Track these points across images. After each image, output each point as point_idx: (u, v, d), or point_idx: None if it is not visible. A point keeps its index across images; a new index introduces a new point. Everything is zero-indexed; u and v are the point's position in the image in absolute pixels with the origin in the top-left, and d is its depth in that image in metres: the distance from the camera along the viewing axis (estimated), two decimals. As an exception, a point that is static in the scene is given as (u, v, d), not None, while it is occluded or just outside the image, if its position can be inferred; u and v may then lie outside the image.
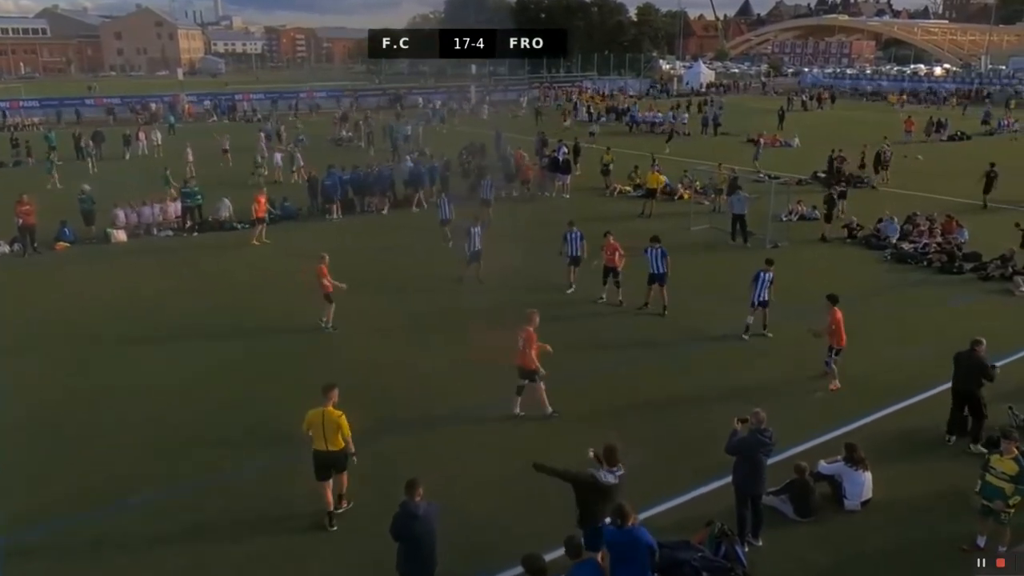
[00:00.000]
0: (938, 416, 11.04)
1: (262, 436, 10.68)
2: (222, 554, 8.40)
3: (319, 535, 8.67)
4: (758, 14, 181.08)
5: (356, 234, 22.01)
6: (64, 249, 20.58)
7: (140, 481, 9.65)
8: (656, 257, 15.25)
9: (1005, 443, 8.09)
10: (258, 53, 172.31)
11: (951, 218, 20.82)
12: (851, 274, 18.28)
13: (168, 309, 15.86)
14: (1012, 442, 8.08)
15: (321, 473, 8.71)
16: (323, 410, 8.56)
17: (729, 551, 8.08)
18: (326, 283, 14.15)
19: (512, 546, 7.59)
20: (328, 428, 8.50)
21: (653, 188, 24.72)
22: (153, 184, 25.13)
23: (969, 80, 77.06)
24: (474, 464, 10.04)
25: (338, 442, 8.55)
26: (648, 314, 15.48)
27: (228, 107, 55.82)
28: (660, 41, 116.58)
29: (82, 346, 13.96)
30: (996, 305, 16.29)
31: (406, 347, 13.90)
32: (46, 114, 50.82)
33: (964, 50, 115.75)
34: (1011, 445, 8.04)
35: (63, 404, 11.72)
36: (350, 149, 36.49)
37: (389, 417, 11.17)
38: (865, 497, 9.16)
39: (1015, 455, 7.96)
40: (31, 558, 8.34)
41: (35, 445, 10.57)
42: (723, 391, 11.98)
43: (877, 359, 13.24)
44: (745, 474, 8.35)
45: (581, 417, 11.12)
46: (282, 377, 12.46)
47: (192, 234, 22.13)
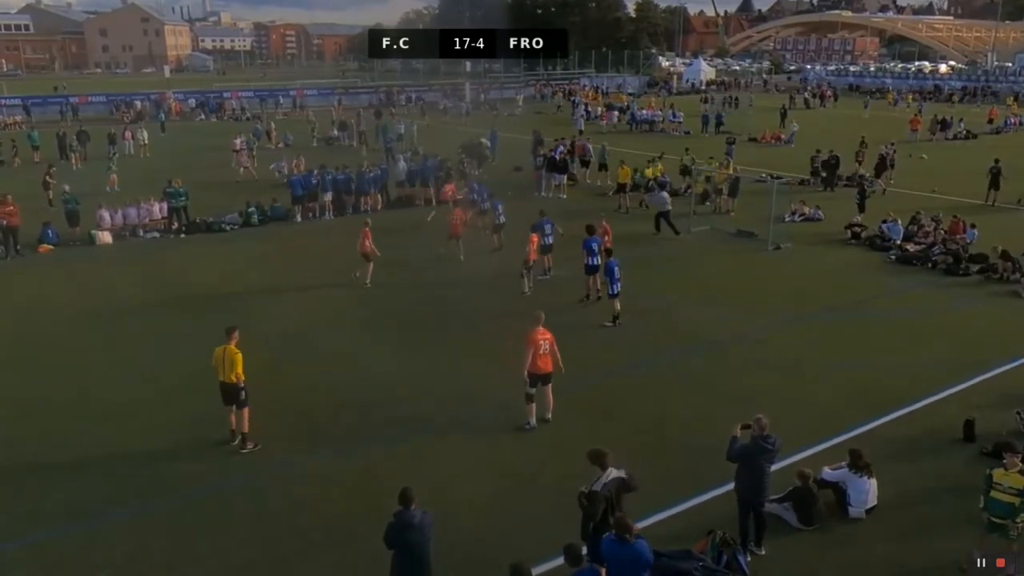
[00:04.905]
0: (944, 421, 10.87)
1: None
2: (208, 565, 8.23)
3: (308, 545, 8.51)
4: (759, 10, 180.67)
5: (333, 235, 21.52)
6: (48, 251, 20.26)
7: (122, 493, 9.45)
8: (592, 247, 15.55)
9: (1009, 457, 7.87)
10: (247, 50, 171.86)
11: (957, 219, 20.59)
12: (855, 276, 18.07)
13: (146, 314, 15.53)
14: (1016, 455, 7.87)
15: (224, 400, 10.37)
16: (225, 347, 10.19)
17: (731, 560, 7.97)
18: (367, 244, 16.49)
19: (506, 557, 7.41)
20: (227, 363, 10.12)
21: (623, 183, 24.72)
22: (140, 184, 24.92)
23: (975, 77, 76.68)
24: (467, 474, 9.85)
25: (232, 376, 10.11)
26: (647, 316, 15.31)
27: (216, 105, 55.22)
28: (659, 38, 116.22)
29: (55, 353, 13.64)
30: (1003, 307, 16.07)
31: (394, 351, 13.73)
32: (45, 112, 50.54)
33: (969, 47, 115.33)
34: (1015, 459, 7.82)
35: (37, 414, 11.44)
36: (340, 149, 36.24)
37: (377, 425, 11.02)
38: (870, 504, 9.00)
39: (1021, 468, 7.74)
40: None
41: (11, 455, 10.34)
42: (723, 396, 11.79)
43: (881, 363, 13.04)
44: (747, 481, 8.20)
45: (577, 424, 10.92)
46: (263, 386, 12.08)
47: (179, 235, 21.90)
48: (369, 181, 24.46)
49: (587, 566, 6.88)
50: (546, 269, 17.46)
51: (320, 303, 16.16)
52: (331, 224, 23.14)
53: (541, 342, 10.56)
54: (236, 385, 10.21)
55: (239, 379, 10.20)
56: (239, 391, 10.26)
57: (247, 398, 10.33)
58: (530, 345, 10.52)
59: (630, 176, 25.07)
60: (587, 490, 7.38)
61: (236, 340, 10.28)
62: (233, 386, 10.22)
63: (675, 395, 12.02)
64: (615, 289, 14.56)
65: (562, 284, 16.76)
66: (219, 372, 10.26)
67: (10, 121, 47.03)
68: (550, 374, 10.71)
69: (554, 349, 10.71)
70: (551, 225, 17.23)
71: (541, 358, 10.55)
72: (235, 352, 10.17)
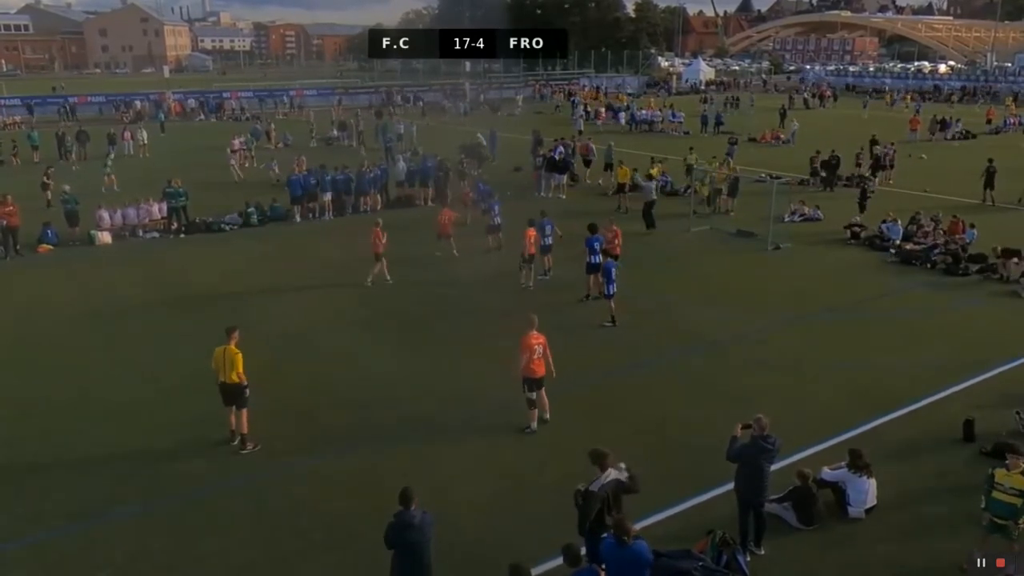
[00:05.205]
0: (944, 421, 10.87)
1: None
2: (208, 565, 8.23)
3: (308, 545, 8.51)
4: (759, 10, 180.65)
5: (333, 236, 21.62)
6: (47, 251, 20.26)
7: (122, 493, 9.46)
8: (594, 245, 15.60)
9: (1012, 458, 7.87)
10: (247, 50, 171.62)
11: (957, 219, 20.60)
12: (855, 276, 18.07)
13: (146, 314, 15.53)
14: (1019, 456, 7.87)
15: (224, 400, 10.33)
16: (224, 348, 10.16)
17: (731, 560, 7.96)
18: (377, 243, 16.49)
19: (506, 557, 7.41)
20: (227, 363, 10.08)
21: (623, 183, 24.78)
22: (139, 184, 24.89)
23: (975, 77, 76.68)
24: (467, 474, 9.85)
25: (233, 376, 10.08)
26: (647, 316, 15.31)
27: (216, 105, 55.23)
28: (659, 38, 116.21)
29: (55, 353, 13.63)
30: (1003, 307, 16.07)
31: (394, 351, 13.73)
32: (45, 112, 50.56)
33: (969, 47, 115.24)
34: (1017, 459, 7.81)
35: (37, 414, 11.43)
36: (340, 149, 36.22)
37: (376, 426, 11.02)
38: (869, 504, 9.00)
39: (1023, 469, 7.73)
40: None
41: (11, 455, 10.35)
42: (723, 396, 11.79)
43: (881, 363, 13.05)
44: (747, 481, 8.19)
45: (577, 424, 10.92)
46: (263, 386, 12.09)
47: (179, 235, 21.89)
48: (369, 181, 24.45)
49: (586, 566, 6.87)
50: (546, 269, 17.47)
51: (320, 303, 16.16)
52: (331, 224, 23.15)
53: (535, 346, 10.52)
54: (239, 385, 10.21)
55: (241, 379, 10.19)
56: (242, 391, 10.24)
57: (248, 398, 10.31)
58: (524, 349, 10.48)
59: (629, 176, 25.11)
60: (583, 489, 7.38)
61: (236, 340, 10.29)
62: (235, 386, 10.21)
63: (675, 395, 12.02)
64: (611, 290, 14.56)
65: (562, 284, 16.77)
66: (219, 373, 10.24)
67: (9, 121, 47.03)
68: (543, 378, 10.65)
69: (547, 353, 10.65)
70: (551, 226, 17.22)
71: (535, 362, 10.52)
72: (235, 352, 10.17)
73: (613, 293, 14.59)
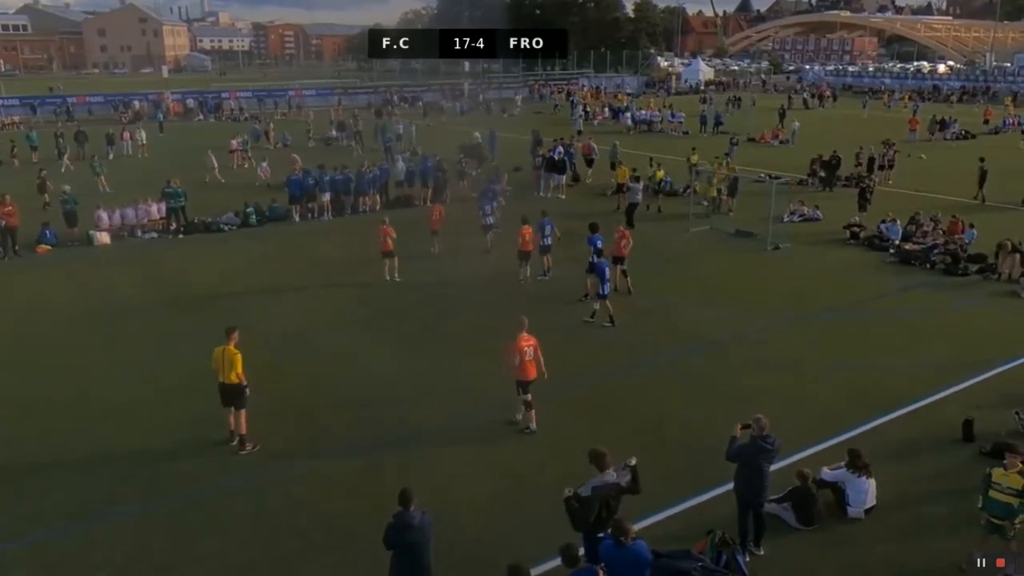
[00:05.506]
0: (944, 421, 10.88)
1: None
2: (208, 565, 8.22)
3: (308, 545, 8.51)
4: (758, 10, 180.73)
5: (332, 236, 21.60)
6: (46, 252, 20.23)
7: (122, 493, 9.45)
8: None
9: (1010, 457, 7.88)
10: (245, 50, 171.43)
11: (956, 219, 20.61)
12: (855, 276, 18.08)
13: (146, 314, 15.51)
14: (1016, 456, 7.88)
15: (224, 401, 10.31)
16: (224, 348, 10.15)
17: (730, 560, 7.96)
18: (387, 240, 16.69)
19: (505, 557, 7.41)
20: (226, 363, 10.07)
21: (622, 183, 24.77)
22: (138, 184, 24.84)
23: (974, 77, 76.72)
24: (467, 474, 9.85)
25: (232, 377, 10.08)
26: (647, 316, 15.30)
27: (214, 105, 55.19)
28: (658, 38, 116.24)
29: (55, 353, 13.61)
30: (1003, 307, 16.07)
31: (394, 351, 13.72)
32: (44, 113, 50.50)
33: (968, 47, 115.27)
34: (1016, 459, 7.82)
35: (37, 414, 11.42)
36: (339, 149, 36.17)
37: (376, 426, 11.02)
38: (869, 504, 9.00)
39: (1020, 468, 7.74)
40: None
41: (11, 455, 10.34)
42: (723, 396, 11.79)
43: (881, 363, 13.05)
44: (747, 481, 8.19)
45: (577, 424, 10.92)
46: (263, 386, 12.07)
47: (177, 235, 21.86)
48: (368, 181, 24.43)
49: (585, 566, 6.84)
50: (545, 270, 17.46)
51: (320, 303, 16.15)
52: (330, 224, 23.13)
53: (526, 348, 10.50)
54: (239, 385, 10.19)
55: (240, 379, 10.18)
56: (241, 391, 10.23)
57: (247, 399, 10.30)
58: (515, 352, 10.46)
59: (628, 176, 25.11)
60: (572, 492, 7.35)
61: (236, 340, 10.27)
62: (235, 386, 10.19)
63: (675, 395, 12.02)
64: (605, 290, 14.54)
65: (562, 284, 16.77)
66: (219, 373, 10.22)
67: (8, 121, 46.98)
68: (534, 380, 10.63)
69: (538, 355, 10.63)
70: (551, 226, 17.21)
71: (527, 364, 10.51)
72: (234, 352, 10.15)
73: (606, 294, 14.58)
